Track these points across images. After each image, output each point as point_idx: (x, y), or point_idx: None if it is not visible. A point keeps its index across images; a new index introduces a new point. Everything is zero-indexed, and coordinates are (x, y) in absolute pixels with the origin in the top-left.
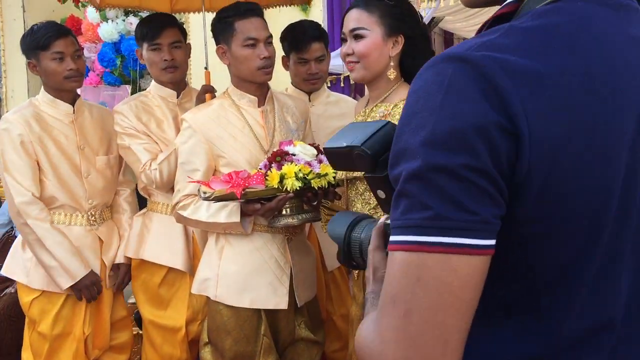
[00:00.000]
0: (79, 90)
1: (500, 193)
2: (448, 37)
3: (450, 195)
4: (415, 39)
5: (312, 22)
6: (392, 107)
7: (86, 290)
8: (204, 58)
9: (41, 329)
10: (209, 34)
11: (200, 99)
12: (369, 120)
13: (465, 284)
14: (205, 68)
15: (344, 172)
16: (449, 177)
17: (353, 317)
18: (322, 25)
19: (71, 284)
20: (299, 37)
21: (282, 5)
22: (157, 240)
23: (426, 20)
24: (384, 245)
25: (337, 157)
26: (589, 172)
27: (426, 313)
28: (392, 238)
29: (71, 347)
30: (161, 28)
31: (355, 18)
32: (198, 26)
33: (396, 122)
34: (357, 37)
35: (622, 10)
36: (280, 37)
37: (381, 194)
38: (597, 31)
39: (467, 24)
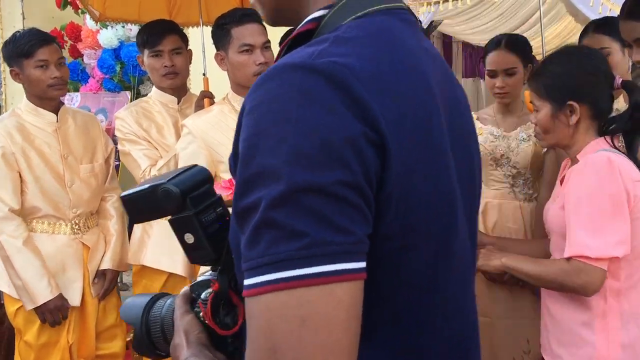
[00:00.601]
0: (79, 96)
1: (370, 209)
2: (447, 41)
3: (326, 217)
4: None
5: None
6: None
7: (49, 314)
8: (202, 64)
9: (27, 338)
10: (207, 40)
11: (199, 105)
12: None
13: (351, 315)
14: (204, 74)
15: None
16: (321, 196)
17: None
18: None
19: (33, 307)
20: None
21: None
22: (157, 246)
23: (425, 24)
24: (192, 308)
25: (139, 203)
26: (437, 176)
27: (320, 359)
28: (252, 281)
29: (58, 356)
30: (162, 35)
31: None
32: (197, 33)
33: None
34: None
35: (412, 25)
36: (279, 42)
37: (189, 238)
38: (404, 40)
39: (466, 27)
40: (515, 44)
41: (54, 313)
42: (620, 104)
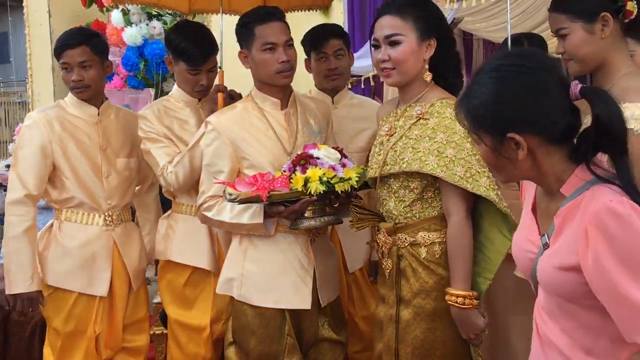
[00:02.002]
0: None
1: None
2: (468, 38)
3: None
4: (445, 41)
5: (333, 24)
6: (428, 106)
7: (20, 303)
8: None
9: (55, 325)
10: (225, 34)
11: (213, 99)
12: (401, 120)
13: None
14: (220, 68)
15: (376, 170)
16: None
17: (382, 318)
18: (343, 28)
19: (8, 293)
20: (319, 33)
21: (301, 10)
22: (182, 241)
23: (448, 21)
24: None
25: None
26: None
27: None
28: None
29: (84, 345)
30: (205, 56)
31: (389, 24)
32: (216, 22)
33: (435, 120)
34: (393, 43)
35: None
36: (302, 41)
37: None
38: None
39: (487, 24)
40: (534, 44)
41: (24, 302)
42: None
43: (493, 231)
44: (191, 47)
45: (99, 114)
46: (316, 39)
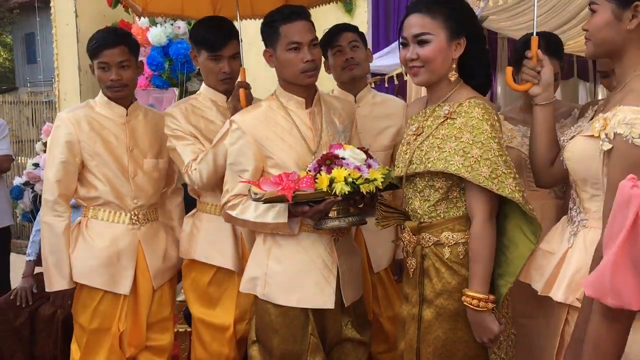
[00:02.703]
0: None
1: None
2: (492, 37)
3: None
4: (475, 40)
5: (345, 23)
6: (456, 105)
7: (60, 300)
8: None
9: (81, 321)
10: (245, 32)
11: (236, 95)
12: (429, 120)
13: None
14: (241, 65)
15: (402, 169)
16: None
17: (405, 317)
18: (367, 26)
19: (50, 290)
20: (332, 30)
21: (323, 4)
22: (206, 240)
23: None
24: None
25: None
26: None
27: None
28: None
29: (108, 343)
30: (224, 40)
31: (418, 23)
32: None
33: (462, 120)
34: (422, 42)
35: None
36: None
37: None
38: None
39: (511, 23)
40: (552, 45)
41: (64, 300)
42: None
43: (517, 234)
44: (209, 33)
45: (127, 114)
46: (330, 35)
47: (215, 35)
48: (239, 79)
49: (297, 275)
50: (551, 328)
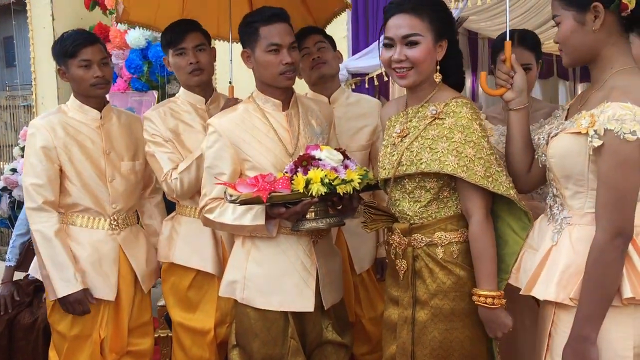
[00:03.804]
0: (107, 97)
1: None
2: (472, 37)
3: None
4: (453, 42)
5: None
6: (443, 105)
7: (70, 306)
8: (229, 73)
9: (60, 328)
10: (234, 50)
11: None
12: (414, 120)
13: None
14: (230, 82)
15: (390, 171)
16: None
17: (393, 320)
18: (347, 28)
19: (54, 298)
20: (299, 34)
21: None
22: (186, 244)
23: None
24: None
25: None
26: None
27: None
28: None
29: (89, 349)
30: (185, 32)
31: (407, 24)
32: (224, 43)
33: (452, 120)
34: (411, 43)
35: None
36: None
37: None
38: None
39: (491, 23)
40: (527, 39)
41: (74, 305)
42: None
43: (506, 230)
44: (170, 30)
45: (101, 118)
46: (297, 38)
47: (175, 30)
48: (228, 97)
49: (276, 278)
50: (538, 328)
